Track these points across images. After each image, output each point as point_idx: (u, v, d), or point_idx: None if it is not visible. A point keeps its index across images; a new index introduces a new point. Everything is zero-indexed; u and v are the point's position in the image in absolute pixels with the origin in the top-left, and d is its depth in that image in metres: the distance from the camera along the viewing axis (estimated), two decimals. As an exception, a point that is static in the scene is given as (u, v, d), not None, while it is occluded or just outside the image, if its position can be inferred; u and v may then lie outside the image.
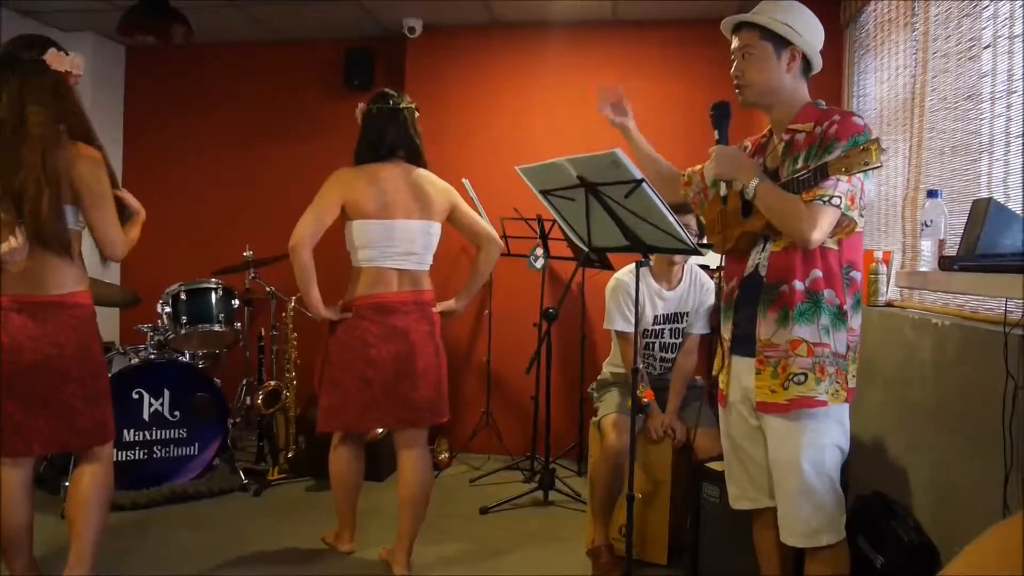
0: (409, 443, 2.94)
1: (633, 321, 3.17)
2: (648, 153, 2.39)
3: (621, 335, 3.23)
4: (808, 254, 1.97)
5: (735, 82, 2.10)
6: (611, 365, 3.43)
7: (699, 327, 3.25)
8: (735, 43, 2.10)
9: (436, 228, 2.93)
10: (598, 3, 4.43)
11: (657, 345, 3.27)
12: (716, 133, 2.12)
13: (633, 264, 3.27)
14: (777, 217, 1.95)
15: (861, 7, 3.80)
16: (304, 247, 2.74)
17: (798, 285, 1.97)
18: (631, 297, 3.05)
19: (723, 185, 2.09)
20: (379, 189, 2.81)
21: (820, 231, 1.89)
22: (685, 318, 3.25)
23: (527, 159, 2.27)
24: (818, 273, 1.97)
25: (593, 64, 4.74)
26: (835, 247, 1.99)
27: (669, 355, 3.29)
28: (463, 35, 4.84)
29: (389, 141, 2.87)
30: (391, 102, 2.88)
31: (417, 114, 2.95)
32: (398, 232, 2.82)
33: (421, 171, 2.93)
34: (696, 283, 3.26)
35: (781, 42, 2.04)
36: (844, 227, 1.97)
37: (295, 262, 2.75)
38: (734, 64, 2.10)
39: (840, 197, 1.88)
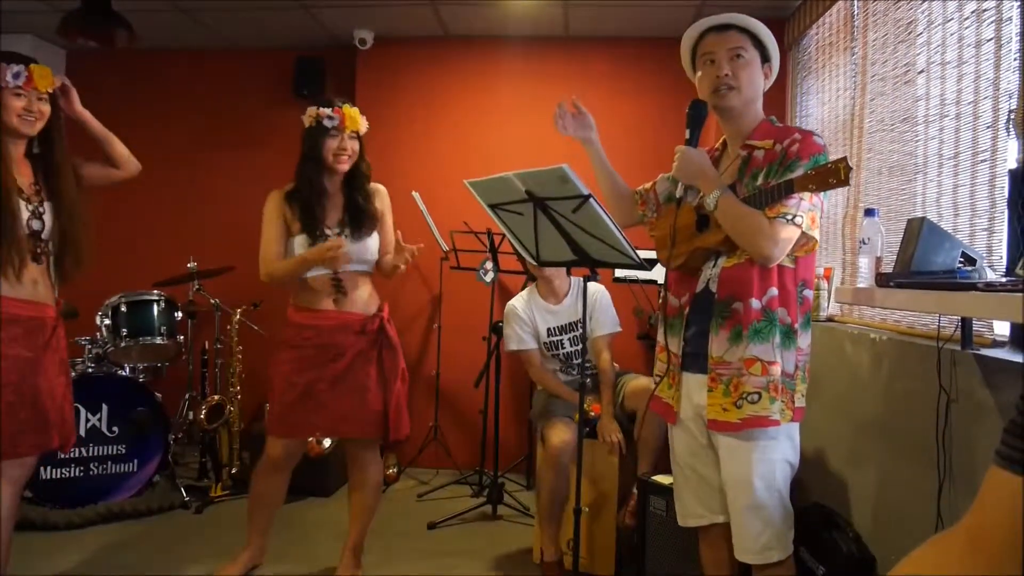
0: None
1: (527, 340, 3.40)
2: (608, 171, 2.33)
3: (520, 354, 3.45)
4: (765, 272, 1.94)
5: (723, 82, 1.99)
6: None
7: (602, 328, 3.38)
8: (720, 44, 2.00)
9: None
10: (550, 19, 4.47)
11: (561, 355, 3.41)
12: (688, 132, 2.04)
13: (524, 291, 3.50)
14: (738, 231, 1.92)
15: (804, 30, 3.91)
16: None
17: (755, 303, 1.94)
18: (520, 320, 3.41)
19: (680, 188, 2.05)
20: None
21: (780, 248, 1.89)
22: (578, 325, 3.37)
23: (478, 172, 2.27)
24: (774, 291, 1.94)
25: (545, 79, 4.77)
26: (791, 265, 1.97)
27: (575, 360, 3.42)
28: (415, 47, 4.83)
29: None
30: None
31: None
32: None
33: None
34: (581, 292, 3.34)
35: (765, 55, 2.05)
36: (803, 246, 1.96)
37: None
38: (720, 64, 1.99)
39: (802, 216, 1.88)
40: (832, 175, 1.73)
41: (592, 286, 3.35)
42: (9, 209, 2.35)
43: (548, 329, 3.39)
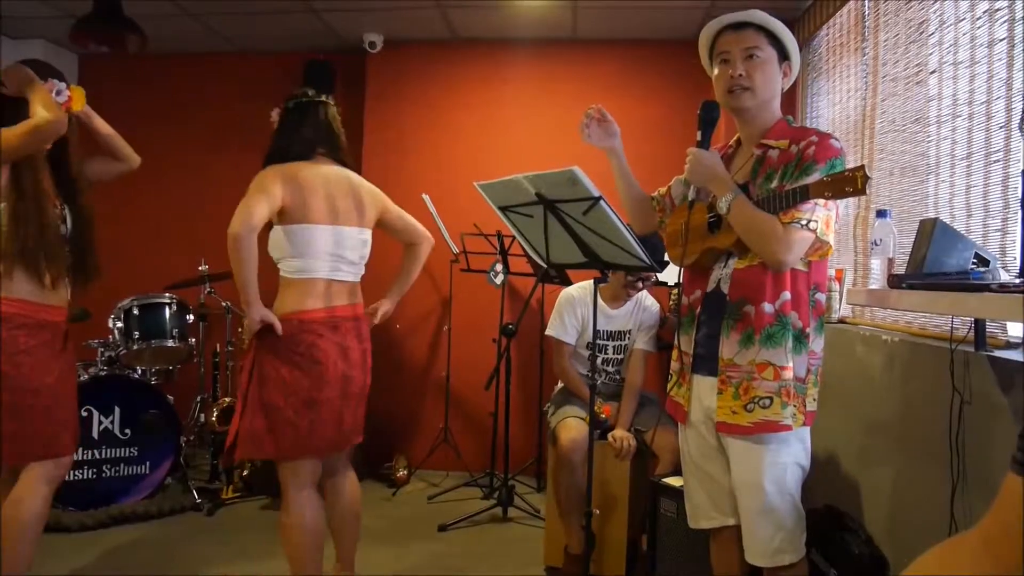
0: (340, 467, 2.74)
1: (569, 333, 3.35)
2: (630, 180, 2.29)
3: (555, 342, 3.39)
4: (778, 276, 1.92)
5: (736, 83, 1.96)
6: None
7: (642, 343, 3.36)
8: (735, 43, 1.97)
9: (369, 236, 2.74)
10: (559, 21, 4.47)
11: (600, 359, 3.36)
12: (699, 134, 2.01)
13: (587, 281, 3.34)
14: (750, 236, 1.89)
15: (815, 31, 3.90)
16: (252, 234, 2.49)
17: (767, 307, 1.91)
18: (573, 312, 3.34)
19: (692, 190, 2.02)
20: (327, 192, 2.59)
21: (794, 254, 1.86)
22: (628, 335, 3.37)
23: (487, 175, 2.26)
24: (787, 295, 1.92)
25: (553, 81, 4.78)
26: (804, 269, 1.94)
27: (611, 368, 3.40)
28: (424, 50, 4.84)
29: (310, 136, 2.68)
30: (309, 94, 2.77)
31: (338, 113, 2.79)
32: (344, 239, 2.62)
33: (353, 173, 2.73)
34: (640, 304, 3.38)
35: (783, 53, 2.01)
36: (817, 250, 1.94)
37: (239, 252, 2.50)
38: (734, 65, 1.96)
39: (817, 222, 1.85)
40: (849, 183, 1.68)
41: (654, 303, 3.42)
42: (47, 215, 2.44)
43: (597, 331, 3.36)
